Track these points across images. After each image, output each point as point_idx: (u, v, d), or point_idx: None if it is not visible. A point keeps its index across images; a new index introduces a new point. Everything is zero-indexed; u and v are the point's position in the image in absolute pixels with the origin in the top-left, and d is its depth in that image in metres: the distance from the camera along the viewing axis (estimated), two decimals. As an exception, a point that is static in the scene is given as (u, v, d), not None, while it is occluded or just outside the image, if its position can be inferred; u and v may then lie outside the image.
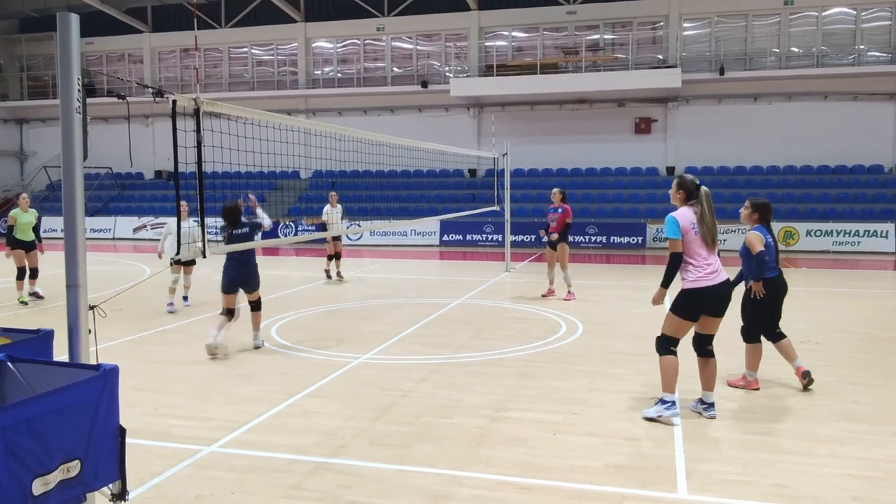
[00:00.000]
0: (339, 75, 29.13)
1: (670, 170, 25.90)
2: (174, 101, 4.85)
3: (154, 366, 7.43)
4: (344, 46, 29.11)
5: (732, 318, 6.16)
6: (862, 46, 24.14)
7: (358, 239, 23.77)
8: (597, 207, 24.07)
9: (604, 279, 14.51)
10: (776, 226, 21.39)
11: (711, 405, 5.66)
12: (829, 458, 4.79)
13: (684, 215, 5.48)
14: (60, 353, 3.58)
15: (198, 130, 4.99)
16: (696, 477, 4.50)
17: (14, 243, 11.61)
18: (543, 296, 11.95)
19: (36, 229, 11.87)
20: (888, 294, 13.20)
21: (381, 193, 26.48)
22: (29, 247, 11.70)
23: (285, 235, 23.96)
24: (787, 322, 9.59)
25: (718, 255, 5.61)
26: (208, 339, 7.72)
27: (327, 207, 14.56)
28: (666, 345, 5.57)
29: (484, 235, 23.15)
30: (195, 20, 27.29)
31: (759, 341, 6.46)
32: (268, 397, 6.20)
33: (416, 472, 4.62)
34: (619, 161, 26.22)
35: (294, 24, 28.91)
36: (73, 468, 2.90)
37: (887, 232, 20.29)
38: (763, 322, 6.46)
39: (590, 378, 6.84)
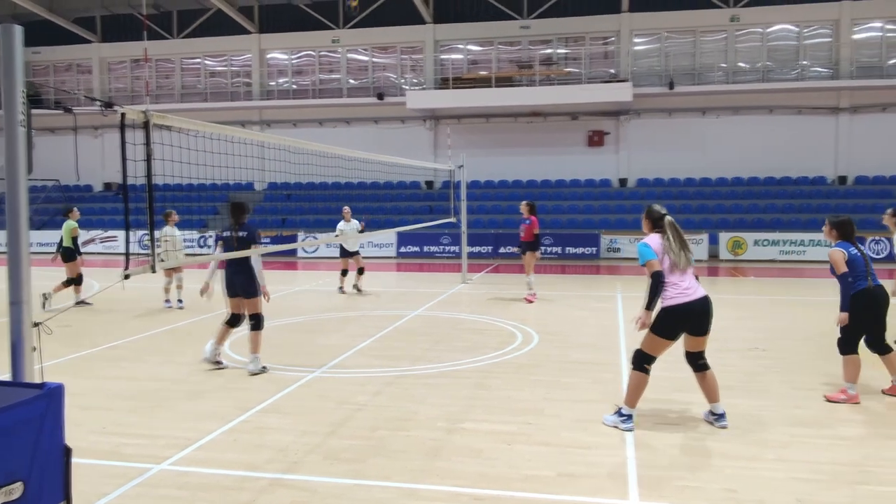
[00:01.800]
0: (294, 87, 28.98)
1: (623, 181, 26.38)
2: (123, 115, 4.78)
3: (102, 383, 7.25)
4: (299, 58, 28.98)
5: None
6: (805, 62, 25.02)
7: (314, 251, 23.58)
8: (552, 219, 24.34)
9: (559, 289, 14.68)
10: (725, 236, 22.04)
11: (722, 416, 5.66)
12: (776, 462, 4.92)
13: (654, 241, 5.56)
14: (3, 372, 3.48)
15: (147, 144, 4.92)
16: (647, 483, 4.58)
17: (74, 254, 12.63)
18: (527, 301, 12.67)
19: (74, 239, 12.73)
20: (832, 301, 13.59)
21: (337, 205, 26.34)
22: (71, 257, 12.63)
23: (239, 248, 23.58)
24: (736, 330, 9.88)
25: (696, 277, 5.66)
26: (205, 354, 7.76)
27: (341, 224, 14.50)
28: (640, 361, 5.62)
29: (441, 247, 23.21)
30: (145, 31, 26.83)
31: (856, 353, 6.33)
32: (220, 413, 6.11)
33: (372, 486, 4.60)
34: (573, 173, 26.61)
35: (248, 36, 28.69)
36: (16, 490, 2.82)
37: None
38: (862, 333, 6.39)
39: (545, 388, 6.91)
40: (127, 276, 4.90)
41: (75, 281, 12.62)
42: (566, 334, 9.70)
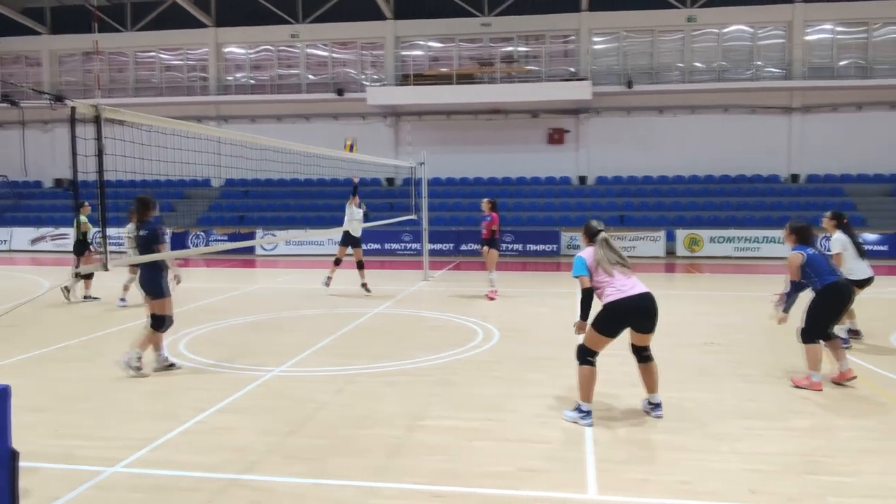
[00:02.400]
0: (252, 82, 28.60)
1: (582, 179, 26.66)
2: (73, 108, 4.65)
3: (54, 384, 7.05)
4: (257, 52, 28.60)
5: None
6: (759, 63, 25.59)
7: (273, 249, 23.32)
8: (512, 216, 24.47)
9: (520, 286, 14.76)
10: (682, 233, 22.41)
11: (658, 405, 5.89)
12: (729, 454, 5.02)
13: (590, 254, 5.88)
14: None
15: (98, 138, 4.80)
16: (605, 477, 4.64)
17: (84, 248, 12.71)
18: (490, 299, 12.68)
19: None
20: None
21: (296, 202, 26.12)
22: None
23: (195, 245, 23.25)
24: (692, 325, 10.06)
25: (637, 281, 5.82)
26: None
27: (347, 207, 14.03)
28: (584, 355, 5.73)
29: (402, 244, 23.16)
30: (96, 23, 26.17)
31: (818, 342, 6.71)
32: (175, 414, 5.99)
33: (331, 486, 4.56)
34: (534, 170, 26.80)
35: (204, 29, 28.21)
36: (-41, 496, 2.73)
37: (783, 238, 21.45)
38: (827, 324, 6.76)
39: (505, 384, 6.94)
40: (77, 275, 4.78)
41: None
42: (527, 331, 9.76)
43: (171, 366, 7.64)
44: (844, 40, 25.20)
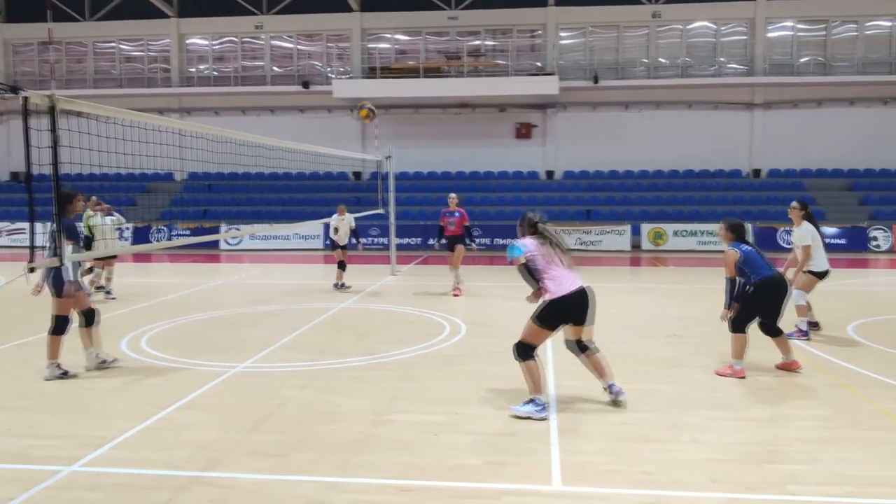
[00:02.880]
0: (216, 73, 28.16)
1: (550, 174, 26.81)
2: (26, 98, 4.51)
3: (9, 382, 6.87)
4: (221, 44, 28.17)
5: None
6: (722, 59, 25.95)
7: (238, 243, 23.04)
8: (480, 210, 24.51)
9: (488, 280, 14.79)
10: (647, 227, 22.66)
11: (612, 386, 6.00)
12: (691, 445, 5.09)
13: (528, 243, 5.93)
14: None
15: (53, 130, 4.67)
16: (570, 469, 4.66)
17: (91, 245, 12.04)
18: (455, 296, 12.44)
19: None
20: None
21: (261, 196, 25.84)
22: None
23: (157, 240, 22.87)
24: (655, 318, 10.19)
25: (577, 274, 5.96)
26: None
27: (334, 216, 13.81)
28: (525, 351, 5.81)
29: (369, 238, 23.02)
30: (50, 10, 25.51)
31: (744, 332, 6.92)
32: (136, 411, 5.88)
33: (295, 481, 4.52)
34: (502, 165, 26.86)
35: (166, 20, 27.70)
36: None
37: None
38: (755, 316, 6.98)
39: (472, 378, 6.94)
40: (32, 270, 4.65)
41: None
42: (494, 325, 9.78)
43: (105, 362, 7.35)
44: (804, 37, 25.69)
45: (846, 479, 4.49)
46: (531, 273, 5.85)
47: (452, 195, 12.79)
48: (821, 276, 8.67)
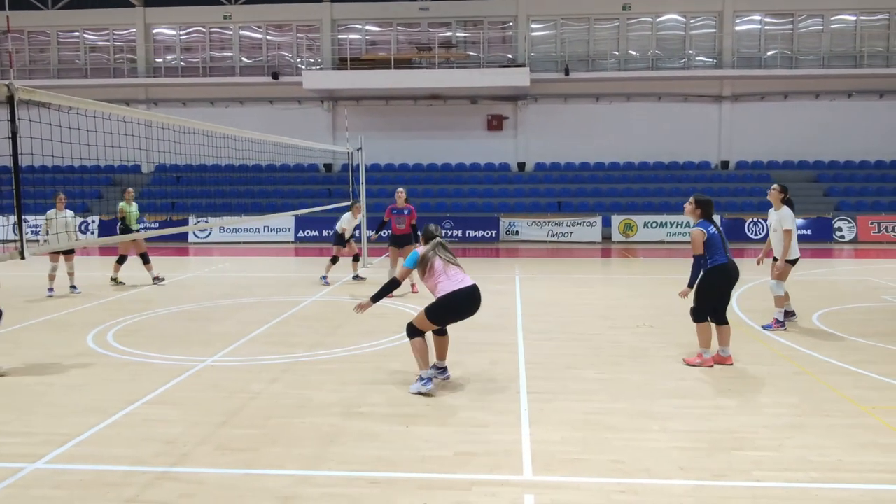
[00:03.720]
0: (183, 64, 27.71)
1: (521, 166, 26.85)
2: (-18, 87, 4.39)
3: (-30, 379, 6.71)
4: (188, 34, 27.70)
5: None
6: (691, 52, 26.18)
7: (207, 236, 22.75)
8: (452, 202, 24.50)
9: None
10: (617, 218, 22.83)
11: (445, 369, 6.55)
12: (660, 433, 5.15)
13: (423, 250, 6.39)
14: None
15: (12, 120, 4.55)
16: (541, 458, 4.69)
17: (125, 233, 12.48)
18: (414, 292, 11.67)
19: (139, 220, 13.05)
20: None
21: (231, 188, 25.53)
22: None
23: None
24: (625, 308, 10.28)
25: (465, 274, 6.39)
26: None
27: (347, 216, 13.43)
28: (413, 332, 6.25)
29: (340, 231, 22.88)
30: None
31: (707, 321, 7.01)
32: (102, 407, 5.78)
33: (264, 476, 4.48)
34: (473, 157, 26.86)
35: (132, 9, 27.18)
36: None
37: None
38: (714, 304, 7.01)
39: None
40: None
41: (120, 259, 13.16)
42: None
43: None
44: (771, 31, 26.02)
45: (811, 465, 4.57)
46: (394, 287, 6.47)
47: (401, 190, 11.91)
48: (793, 262, 8.76)
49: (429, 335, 6.37)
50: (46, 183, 20.32)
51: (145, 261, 13.18)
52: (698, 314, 7.04)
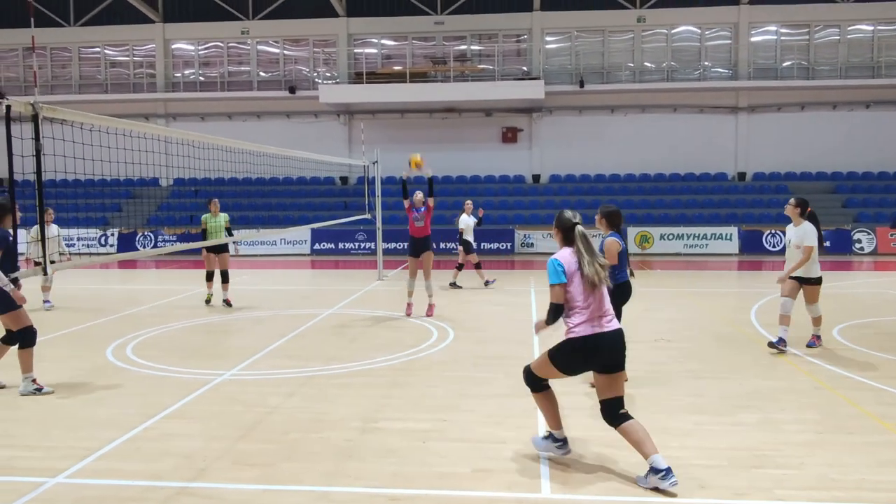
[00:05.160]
0: (202, 79, 28.03)
1: (536, 178, 26.86)
2: (8, 107, 4.47)
3: (-9, 393, 6.79)
4: (206, 49, 28.04)
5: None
6: (706, 63, 26.13)
7: (225, 249, 22.89)
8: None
9: (474, 284, 14.78)
10: (633, 230, 22.74)
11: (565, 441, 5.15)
12: (679, 450, 5.10)
13: (568, 257, 4.76)
14: None
15: (36, 138, 4.62)
16: (559, 476, 4.66)
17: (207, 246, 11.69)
18: (408, 315, 10.87)
19: (229, 232, 12.26)
20: (732, 292, 14.30)
21: (248, 201, 25.73)
22: (218, 250, 12.01)
23: (144, 247, 22.72)
24: (642, 321, 10.22)
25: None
26: None
27: (464, 217, 14.54)
28: (535, 381, 5.00)
29: (356, 244, 23.00)
30: (32, 17, 25.30)
31: None
32: (120, 421, 5.82)
33: (282, 491, 4.49)
34: (488, 169, 26.90)
35: (151, 25, 27.56)
36: None
37: (731, 235, 22.02)
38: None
39: (459, 384, 6.93)
40: (15, 280, 4.60)
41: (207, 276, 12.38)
42: (481, 329, 9.77)
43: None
44: (788, 42, 25.92)
45: (833, 484, 4.51)
46: (559, 312, 4.77)
47: (419, 193, 11.28)
48: (817, 282, 8.12)
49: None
50: (69, 197, 20.59)
51: (225, 279, 12.14)
52: None
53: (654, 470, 4.41)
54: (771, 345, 8.16)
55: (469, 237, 14.62)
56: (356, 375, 7.33)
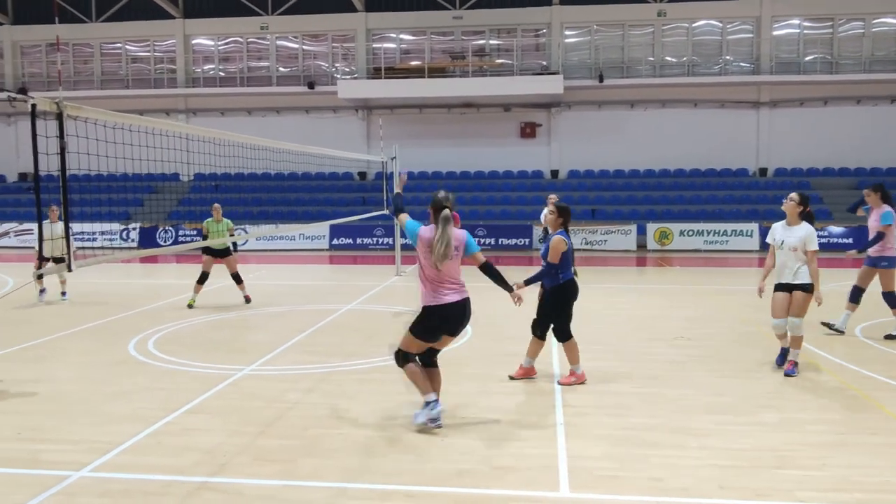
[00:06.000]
0: (222, 74, 28.20)
1: (555, 173, 26.76)
2: (33, 105, 4.52)
3: (18, 385, 6.89)
4: (226, 44, 28.20)
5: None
6: (728, 57, 25.86)
7: (244, 244, 23.07)
8: (485, 210, 24.51)
9: (492, 281, 14.75)
10: (652, 227, 22.59)
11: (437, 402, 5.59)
12: (699, 451, 5.07)
13: (428, 234, 5.51)
14: None
15: (61, 136, 4.68)
16: (578, 475, 4.65)
17: (205, 250, 11.81)
18: None
19: (234, 243, 12.14)
20: (752, 290, 14.13)
21: (267, 196, 25.88)
22: (222, 254, 11.89)
23: (165, 242, 22.93)
24: (661, 319, 10.16)
25: None
26: None
27: (545, 211, 13.76)
28: (402, 358, 5.65)
29: (374, 239, 23.06)
30: (56, 15, 25.59)
31: (572, 336, 6.77)
32: (143, 416, 5.89)
33: (302, 487, 4.52)
34: (506, 164, 26.83)
35: (172, 21, 27.76)
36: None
37: (752, 231, 21.81)
38: (567, 320, 6.75)
39: (478, 381, 6.93)
40: (40, 276, 4.66)
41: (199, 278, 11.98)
42: (499, 327, 9.77)
43: None
44: (811, 35, 25.58)
45: (856, 486, 4.46)
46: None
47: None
48: (808, 289, 7.08)
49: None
50: (92, 192, 20.83)
51: (238, 280, 12.14)
52: (564, 334, 6.73)
53: (426, 403, 5.48)
54: (790, 373, 7.04)
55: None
56: (375, 371, 7.36)
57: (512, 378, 6.96)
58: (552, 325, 6.79)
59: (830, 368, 7.36)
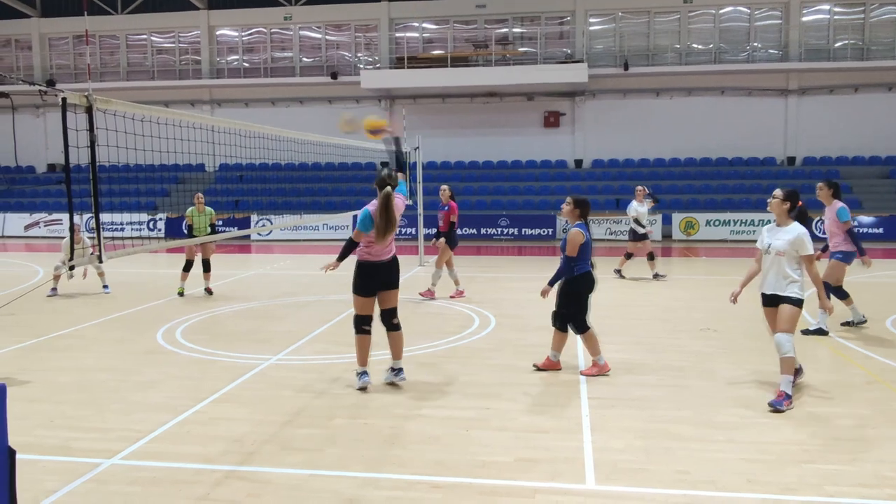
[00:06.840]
0: (246, 65, 28.35)
1: (578, 162, 26.58)
2: (64, 99, 4.58)
3: (49, 374, 7.03)
4: (249, 35, 28.32)
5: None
6: (756, 44, 25.44)
7: (268, 234, 23.24)
8: (508, 200, 24.43)
9: (516, 271, 14.75)
10: (678, 216, 22.35)
11: (401, 370, 6.58)
12: (726, 444, 5.03)
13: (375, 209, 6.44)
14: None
15: (91, 130, 4.73)
16: (603, 467, 4.64)
17: (188, 237, 11.93)
18: (452, 297, 11.53)
19: (213, 227, 12.29)
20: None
21: (291, 187, 26.02)
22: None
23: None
24: (687, 310, 10.06)
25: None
26: None
27: (634, 204, 13.72)
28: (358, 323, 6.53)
29: (397, 229, 23.07)
30: (86, 8, 25.86)
31: (590, 328, 6.78)
32: (172, 404, 5.98)
33: (328, 476, 4.56)
34: (530, 154, 26.70)
35: (196, 12, 27.93)
36: (-46, 497, 2.70)
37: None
38: (584, 312, 6.78)
39: (501, 372, 6.94)
40: (72, 268, 4.74)
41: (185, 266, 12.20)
42: (523, 317, 9.75)
43: None
44: (841, 21, 25.06)
45: (887, 481, 4.40)
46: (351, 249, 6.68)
47: (444, 187, 11.89)
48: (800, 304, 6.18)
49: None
50: (122, 182, 21.12)
51: (206, 268, 12.22)
52: (582, 326, 6.72)
53: (392, 369, 6.51)
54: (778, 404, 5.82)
55: (640, 225, 13.54)
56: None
57: (536, 367, 6.96)
58: (568, 318, 6.78)
59: (859, 361, 7.25)
